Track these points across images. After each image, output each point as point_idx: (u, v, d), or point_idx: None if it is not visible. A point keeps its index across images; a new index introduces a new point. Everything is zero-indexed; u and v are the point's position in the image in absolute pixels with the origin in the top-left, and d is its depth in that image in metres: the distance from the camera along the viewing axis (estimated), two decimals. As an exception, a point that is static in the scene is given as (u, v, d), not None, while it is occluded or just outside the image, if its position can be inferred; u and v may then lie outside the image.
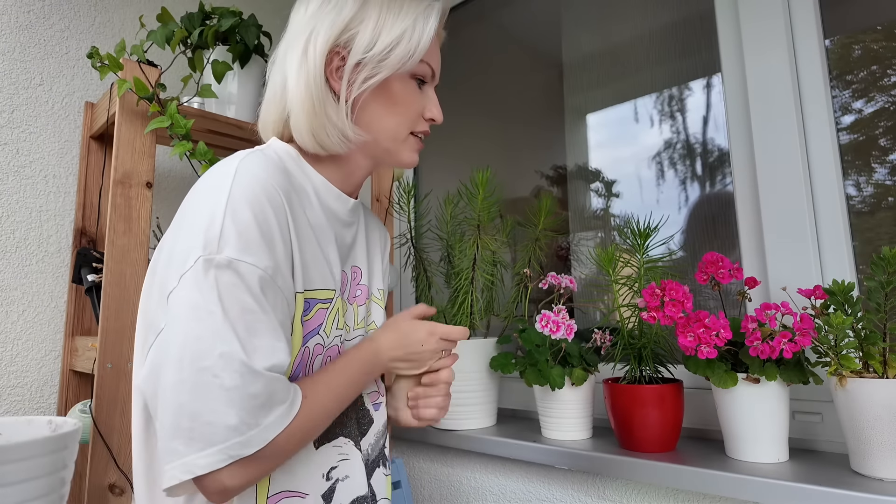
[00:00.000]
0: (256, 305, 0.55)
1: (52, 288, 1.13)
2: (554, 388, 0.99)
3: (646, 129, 1.25)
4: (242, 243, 0.55)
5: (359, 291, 0.77)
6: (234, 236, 0.55)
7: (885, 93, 0.96)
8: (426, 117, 0.73)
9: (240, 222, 0.55)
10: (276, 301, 0.57)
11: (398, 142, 0.71)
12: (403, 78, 0.70)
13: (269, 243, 0.57)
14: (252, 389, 0.52)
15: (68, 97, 1.20)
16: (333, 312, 0.68)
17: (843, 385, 0.75)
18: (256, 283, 0.55)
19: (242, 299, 0.54)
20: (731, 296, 1.08)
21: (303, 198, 0.67)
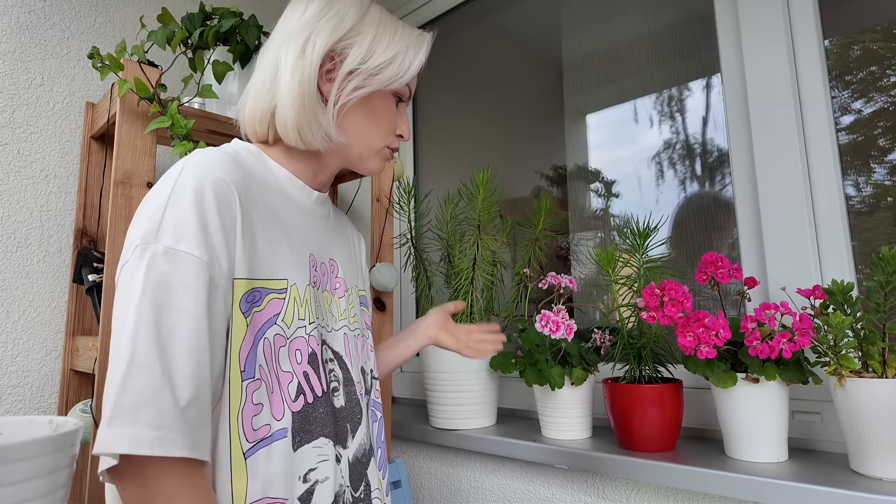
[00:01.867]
0: (187, 295, 0.56)
1: (52, 288, 1.13)
2: (554, 387, 0.99)
3: (645, 129, 1.25)
4: (179, 232, 0.57)
5: (337, 284, 0.80)
6: (172, 226, 0.57)
7: (885, 93, 0.96)
8: (396, 133, 0.78)
9: (179, 212, 0.57)
10: (210, 291, 0.58)
11: (371, 151, 0.76)
12: (386, 95, 0.76)
13: (205, 232, 0.58)
14: (132, 385, 0.52)
15: (69, 97, 1.20)
16: (292, 302, 0.67)
17: (843, 385, 0.75)
18: (191, 272, 0.56)
19: (173, 288, 0.55)
20: (730, 296, 1.08)
21: (264, 187, 0.69)
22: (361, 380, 0.78)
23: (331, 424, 0.69)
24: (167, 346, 0.54)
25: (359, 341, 0.81)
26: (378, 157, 0.77)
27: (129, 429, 0.51)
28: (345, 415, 0.73)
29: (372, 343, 0.86)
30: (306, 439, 0.66)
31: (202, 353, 0.56)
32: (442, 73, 1.71)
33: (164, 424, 0.52)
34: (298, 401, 0.66)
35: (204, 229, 0.58)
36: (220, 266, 0.59)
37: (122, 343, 0.54)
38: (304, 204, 0.76)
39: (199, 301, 0.56)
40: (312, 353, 0.69)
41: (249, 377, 0.61)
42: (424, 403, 1.46)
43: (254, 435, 0.61)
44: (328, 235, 0.81)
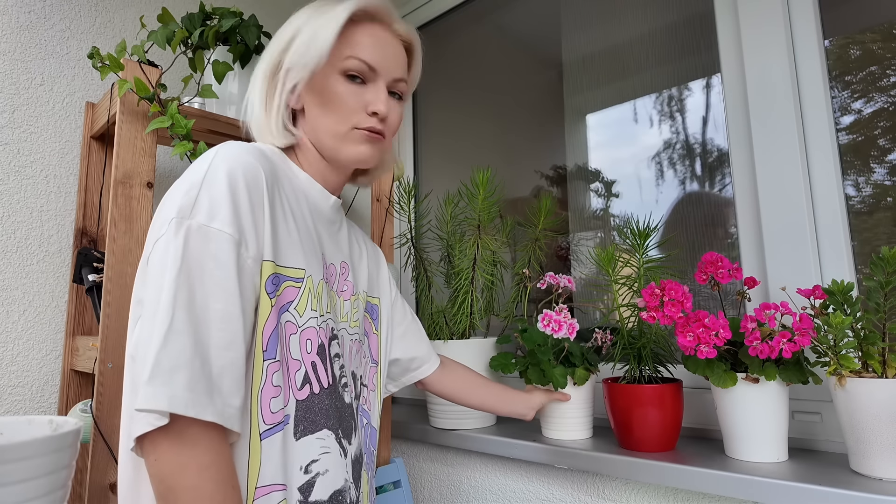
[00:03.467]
0: (220, 270, 0.58)
1: (52, 288, 1.13)
2: (557, 387, 0.99)
3: (645, 129, 1.25)
4: (213, 210, 0.59)
5: (345, 286, 0.81)
6: (207, 204, 0.59)
7: (885, 93, 0.96)
8: (369, 111, 0.74)
9: (213, 191, 0.60)
10: (242, 268, 0.60)
11: (338, 138, 0.74)
12: (332, 76, 0.73)
13: (237, 212, 0.60)
14: (169, 349, 0.54)
15: (69, 97, 1.20)
16: (306, 293, 0.69)
17: (843, 385, 0.75)
18: (224, 248, 0.58)
19: (206, 262, 0.57)
20: (730, 296, 1.08)
21: (285, 186, 0.71)
22: (351, 384, 0.78)
23: (335, 417, 0.70)
24: (201, 317, 0.56)
25: (355, 346, 0.81)
26: (349, 142, 0.74)
27: (167, 388, 0.53)
28: (351, 412, 0.74)
29: (369, 350, 0.86)
30: (309, 429, 0.66)
31: (235, 325, 0.58)
32: (442, 73, 1.71)
33: (195, 388, 0.54)
34: (304, 390, 0.66)
35: (235, 209, 0.60)
36: (247, 246, 0.61)
37: (159, 310, 0.55)
38: (321, 207, 0.78)
39: (230, 276, 0.58)
40: (322, 344, 0.70)
41: (271, 357, 0.62)
42: (424, 403, 1.46)
43: (272, 417, 0.62)
44: (340, 240, 0.82)
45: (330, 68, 0.73)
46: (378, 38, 0.75)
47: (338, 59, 0.73)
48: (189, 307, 0.55)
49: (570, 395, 1.00)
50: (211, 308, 0.56)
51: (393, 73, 0.76)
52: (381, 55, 0.74)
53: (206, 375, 0.54)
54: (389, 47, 0.76)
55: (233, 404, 0.56)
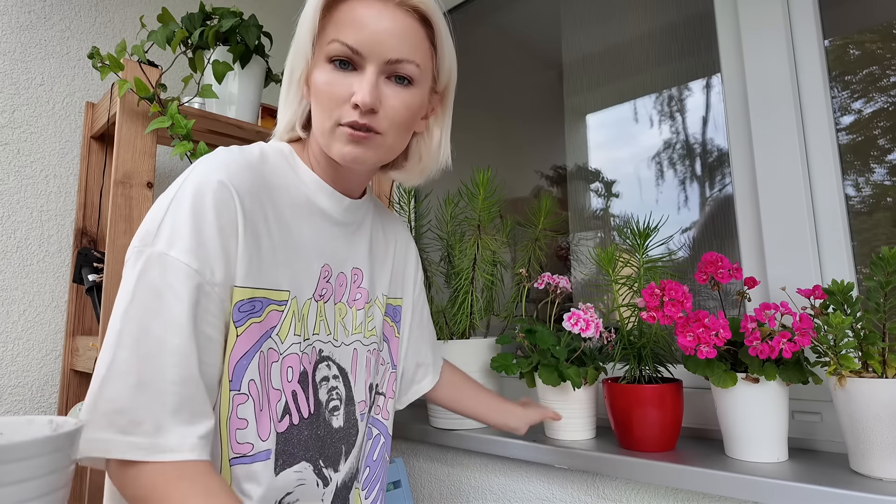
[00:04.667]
0: (176, 301, 0.54)
1: (52, 288, 1.13)
2: (575, 387, 0.98)
3: (645, 129, 1.25)
4: (174, 237, 0.56)
5: (358, 294, 0.76)
6: (168, 230, 0.56)
7: (885, 93, 0.96)
8: (352, 103, 0.63)
9: (177, 217, 0.56)
10: (199, 298, 0.56)
11: (325, 136, 0.65)
12: (320, 65, 0.65)
13: (199, 238, 0.56)
14: (108, 391, 0.53)
15: (69, 97, 1.20)
16: (289, 316, 0.64)
17: (843, 385, 0.75)
18: (180, 278, 0.55)
19: (163, 294, 0.54)
20: (730, 296, 1.08)
21: (282, 193, 0.66)
22: (366, 397, 0.75)
23: (315, 448, 0.67)
24: (153, 352, 0.53)
25: (372, 356, 0.77)
26: (335, 140, 0.64)
27: (102, 433, 0.52)
28: (341, 435, 0.71)
29: (389, 355, 0.82)
30: (288, 462, 0.63)
31: (190, 360, 0.54)
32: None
33: (137, 430, 0.51)
34: (283, 421, 0.63)
35: (198, 235, 0.56)
36: (211, 273, 0.57)
37: (105, 347, 0.54)
38: (330, 211, 0.71)
39: (185, 309, 0.54)
40: (304, 371, 0.66)
41: (236, 389, 0.59)
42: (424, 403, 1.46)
43: (238, 448, 0.60)
44: (355, 244, 0.76)
45: (318, 56, 0.65)
46: (365, 13, 0.63)
47: (323, 44, 0.65)
48: (136, 344, 0.53)
49: (576, 397, 1.00)
50: (167, 342, 0.53)
51: (386, 52, 0.63)
52: (367, 34, 0.62)
53: (154, 414, 0.52)
54: (383, 22, 0.63)
55: (191, 435, 0.53)
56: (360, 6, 0.63)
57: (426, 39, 0.67)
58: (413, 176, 0.78)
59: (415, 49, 0.65)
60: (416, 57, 0.65)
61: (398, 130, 0.66)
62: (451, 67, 0.72)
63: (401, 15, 0.64)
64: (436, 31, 0.68)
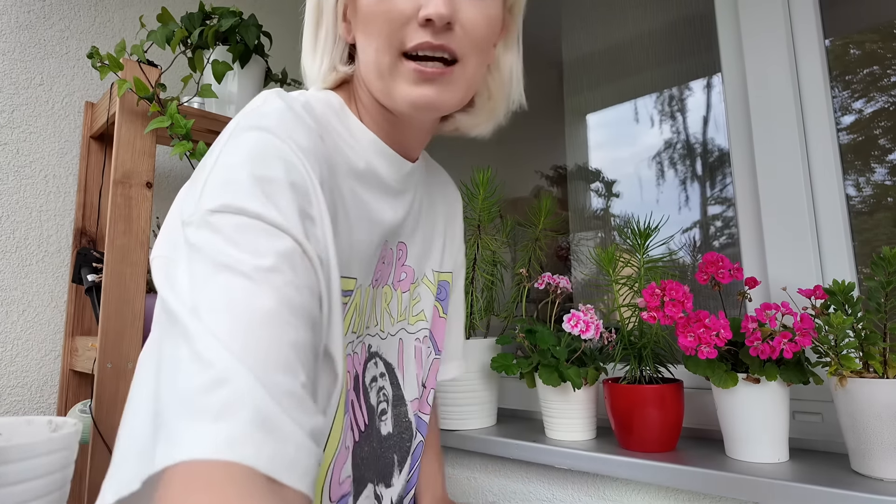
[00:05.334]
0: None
1: (51, 288, 1.13)
2: (575, 388, 0.98)
3: (646, 129, 1.25)
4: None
5: (403, 274, 0.62)
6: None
7: (885, 93, 0.96)
8: (420, 19, 0.47)
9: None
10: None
11: (384, 77, 0.50)
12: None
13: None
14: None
15: (68, 97, 1.19)
16: (352, 310, 0.52)
17: (844, 385, 0.75)
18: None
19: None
20: (731, 296, 1.08)
21: (335, 159, 0.51)
22: (419, 394, 0.63)
23: (373, 466, 0.55)
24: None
25: (422, 345, 0.65)
26: (398, 79, 0.49)
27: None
28: (392, 444, 0.59)
29: (432, 341, 0.69)
30: (359, 491, 0.52)
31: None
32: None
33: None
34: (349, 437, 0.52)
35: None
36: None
37: None
38: (386, 178, 0.56)
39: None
40: (356, 375, 0.54)
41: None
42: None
43: (338, 490, 0.47)
44: (408, 214, 0.61)
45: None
46: None
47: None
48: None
49: (576, 397, 0.96)
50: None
51: None
52: None
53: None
54: None
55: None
56: None
57: None
58: (480, 120, 0.61)
59: None
60: None
61: (479, 53, 0.50)
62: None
63: None
64: None
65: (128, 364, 0.94)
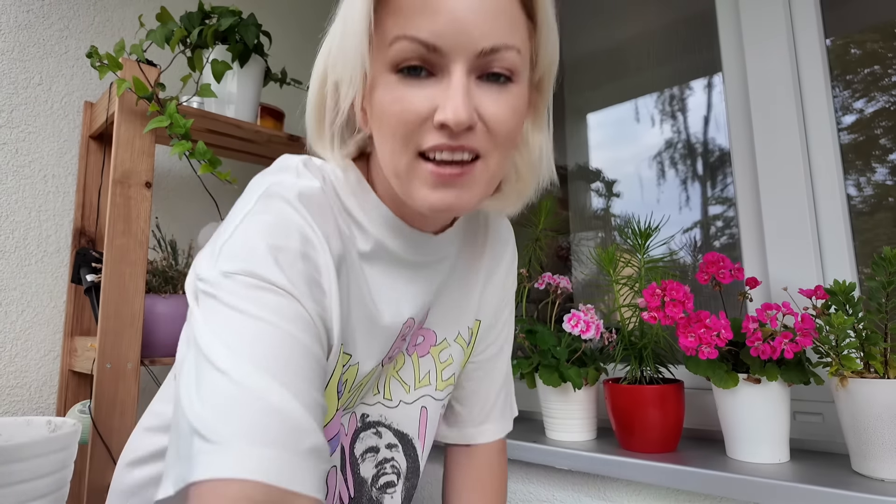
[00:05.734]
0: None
1: (51, 288, 1.13)
2: (576, 388, 0.98)
3: (646, 128, 1.25)
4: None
5: (420, 337, 0.60)
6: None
7: (886, 92, 0.96)
8: (436, 123, 0.44)
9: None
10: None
11: (401, 177, 0.47)
12: (382, 77, 0.46)
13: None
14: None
15: (67, 97, 1.19)
16: (334, 379, 0.51)
17: (844, 385, 0.75)
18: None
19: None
20: (732, 296, 1.08)
21: (349, 237, 0.51)
22: (394, 478, 0.59)
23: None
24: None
25: (442, 411, 0.62)
26: (410, 183, 0.47)
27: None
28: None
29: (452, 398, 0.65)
30: None
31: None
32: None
33: None
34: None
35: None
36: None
37: None
38: (400, 252, 0.54)
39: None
40: (341, 446, 0.53)
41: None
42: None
43: None
44: (431, 283, 0.58)
45: (379, 64, 0.46)
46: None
47: (383, 46, 0.45)
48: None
49: (576, 397, 0.94)
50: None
51: (477, 41, 0.43)
52: (446, 19, 0.43)
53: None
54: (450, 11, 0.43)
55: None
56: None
57: (521, 11, 0.47)
58: (509, 202, 0.57)
59: (513, 27, 0.45)
60: (516, 39, 0.45)
61: (504, 148, 0.47)
62: (554, 46, 0.52)
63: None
64: (537, 7, 0.48)
65: (127, 364, 0.94)
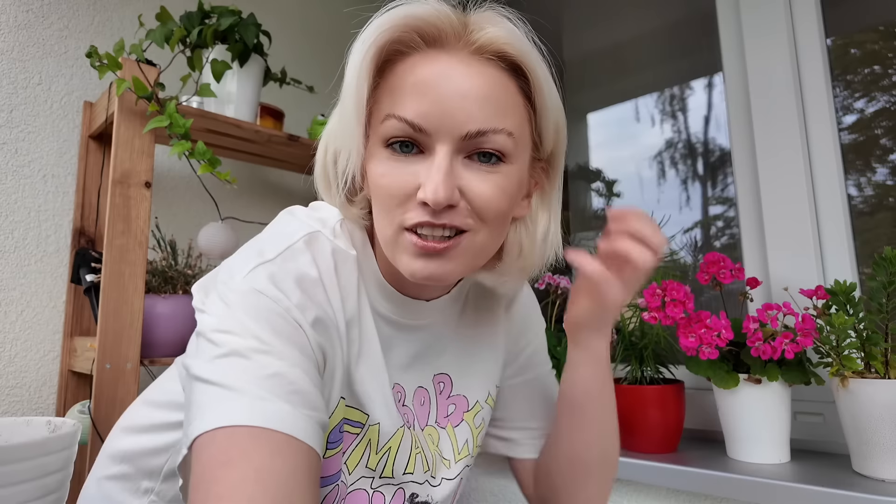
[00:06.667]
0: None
1: (50, 288, 1.13)
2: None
3: (647, 128, 1.24)
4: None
5: (452, 406, 0.59)
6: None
7: (886, 92, 0.95)
8: (417, 199, 0.46)
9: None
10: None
11: (388, 246, 0.49)
12: (377, 151, 0.48)
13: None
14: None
15: (67, 96, 1.19)
16: (364, 444, 0.51)
17: (845, 385, 0.75)
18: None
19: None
20: (732, 296, 1.08)
21: (349, 299, 0.52)
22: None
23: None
24: None
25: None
26: (400, 251, 0.48)
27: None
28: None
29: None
30: None
31: None
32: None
33: None
34: None
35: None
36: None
37: None
38: (390, 315, 0.55)
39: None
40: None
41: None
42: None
43: None
44: (429, 348, 0.59)
45: (375, 137, 0.49)
46: (429, 72, 0.46)
47: (377, 122, 0.48)
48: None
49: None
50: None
51: (462, 124, 0.45)
52: (431, 101, 0.45)
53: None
54: (454, 81, 0.46)
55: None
56: (423, 63, 0.47)
57: (519, 94, 0.49)
58: (510, 278, 0.57)
59: (504, 112, 0.47)
60: (507, 122, 0.47)
61: (494, 225, 0.48)
62: (557, 126, 0.52)
63: (479, 67, 0.47)
64: (533, 82, 0.49)
65: (126, 364, 0.94)
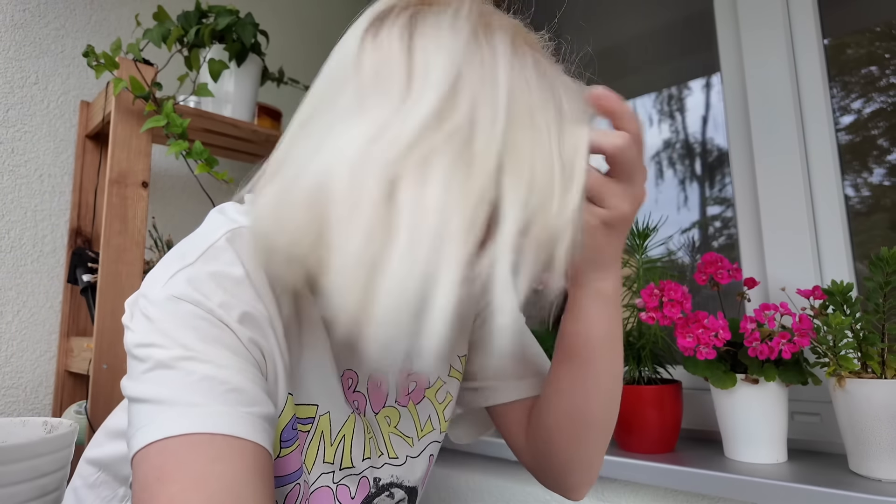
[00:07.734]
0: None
1: (47, 288, 1.12)
2: None
3: (644, 128, 1.25)
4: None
5: (413, 384, 0.58)
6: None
7: (884, 93, 0.96)
8: None
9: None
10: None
11: None
12: None
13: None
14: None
15: (64, 96, 1.19)
16: (317, 439, 0.49)
17: (842, 386, 0.75)
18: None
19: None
20: (730, 296, 1.08)
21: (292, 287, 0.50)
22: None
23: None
24: None
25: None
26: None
27: None
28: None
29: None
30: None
31: None
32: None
33: None
34: None
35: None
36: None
37: None
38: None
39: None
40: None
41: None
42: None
43: None
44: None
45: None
46: None
47: None
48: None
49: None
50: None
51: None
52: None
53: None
54: None
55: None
56: None
57: None
58: None
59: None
60: None
61: None
62: None
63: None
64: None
65: (123, 365, 0.93)
